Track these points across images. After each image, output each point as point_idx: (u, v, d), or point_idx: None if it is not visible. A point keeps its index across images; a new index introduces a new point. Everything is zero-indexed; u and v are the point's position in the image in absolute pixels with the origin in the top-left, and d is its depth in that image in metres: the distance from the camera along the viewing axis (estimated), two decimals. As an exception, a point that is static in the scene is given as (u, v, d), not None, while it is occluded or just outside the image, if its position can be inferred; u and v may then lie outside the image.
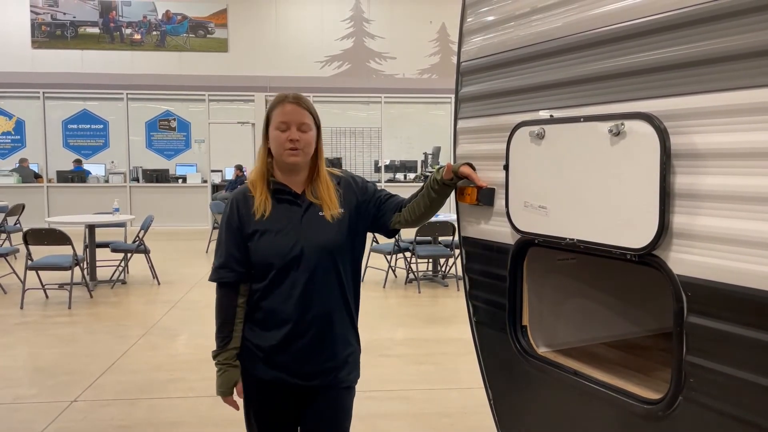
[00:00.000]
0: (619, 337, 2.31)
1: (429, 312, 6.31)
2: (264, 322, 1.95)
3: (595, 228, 1.67)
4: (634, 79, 1.58)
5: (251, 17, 13.96)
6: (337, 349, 1.99)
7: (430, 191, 2.03)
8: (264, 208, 1.92)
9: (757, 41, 1.30)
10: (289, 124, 1.90)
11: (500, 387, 2.28)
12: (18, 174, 12.86)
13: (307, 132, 1.93)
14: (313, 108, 1.98)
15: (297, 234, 1.92)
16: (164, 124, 14.13)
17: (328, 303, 1.96)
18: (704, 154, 1.42)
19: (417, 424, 3.59)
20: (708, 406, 1.44)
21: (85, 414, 3.73)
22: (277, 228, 1.92)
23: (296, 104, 1.93)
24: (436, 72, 14.26)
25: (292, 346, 1.94)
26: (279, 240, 1.91)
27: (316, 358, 1.96)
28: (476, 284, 2.29)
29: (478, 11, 2.16)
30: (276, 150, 1.93)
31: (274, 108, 1.94)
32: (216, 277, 1.98)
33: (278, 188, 1.96)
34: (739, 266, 1.35)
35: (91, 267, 7.30)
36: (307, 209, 1.95)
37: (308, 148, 1.94)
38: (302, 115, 1.92)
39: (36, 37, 13.57)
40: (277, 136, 1.91)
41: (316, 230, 1.93)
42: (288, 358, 1.95)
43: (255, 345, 1.97)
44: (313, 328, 1.94)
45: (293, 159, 1.92)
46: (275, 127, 1.92)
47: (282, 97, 1.95)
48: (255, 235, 1.92)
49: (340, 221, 1.96)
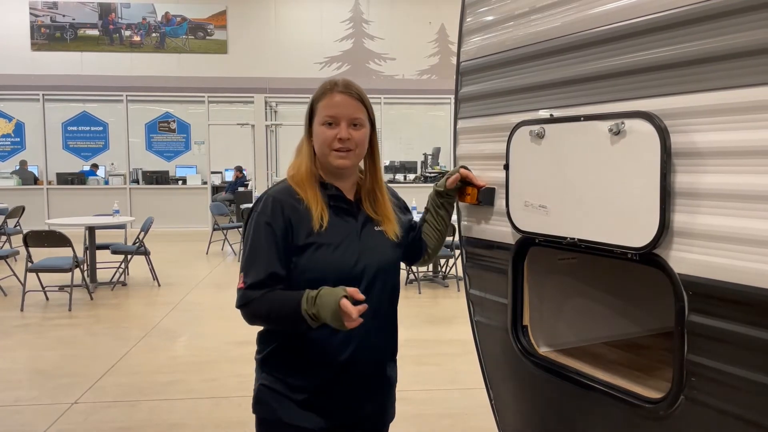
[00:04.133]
0: (620, 336, 2.30)
1: (429, 313, 6.30)
2: (306, 357, 1.61)
3: (596, 227, 1.67)
4: (634, 77, 1.58)
5: (250, 19, 13.97)
6: (387, 390, 1.74)
7: (438, 211, 1.95)
8: (322, 219, 1.58)
9: (757, 39, 1.30)
10: (339, 119, 1.59)
11: (501, 387, 2.28)
12: (18, 176, 12.86)
13: (360, 129, 1.63)
14: (367, 99, 1.65)
15: (358, 250, 1.62)
16: (164, 125, 14.14)
17: (383, 334, 1.69)
18: (705, 153, 1.42)
19: (418, 425, 3.58)
20: (709, 405, 1.44)
21: (85, 416, 3.72)
22: (336, 241, 1.59)
23: (347, 94, 1.61)
24: (435, 73, 14.27)
25: (341, 388, 1.62)
26: (339, 255, 1.59)
27: (367, 403, 1.69)
28: (477, 284, 2.29)
29: (477, 11, 2.16)
30: (320, 149, 1.63)
31: (320, 98, 1.62)
32: (247, 300, 1.56)
33: (334, 194, 1.65)
34: (741, 265, 1.34)
35: (91, 269, 7.30)
36: (365, 223, 1.67)
37: (360, 148, 1.64)
38: (355, 108, 1.61)
39: (35, 39, 13.59)
40: (323, 133, 1.60)
41: (376, 247, 1.65)
42: (333, 403, 1.63)
43: (291, 386, 1.61)
44: (368, 365, 1.65)
45: (341, 162, 1.61)
46: (321, 121, 1.61)
47: (330, 84, 1.63)
48: (309, 249, 1.57)
49: (398, 240, 1.72)
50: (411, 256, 1.92)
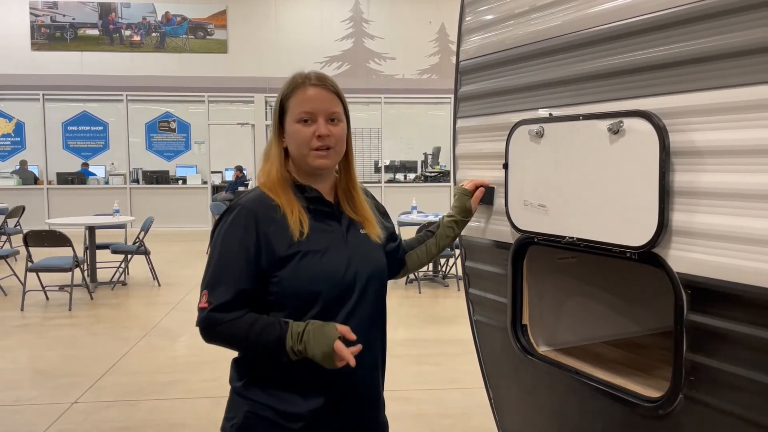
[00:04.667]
0: (619, 336, 2.30)
1: (430, 312, 6.30)
2: (298, 381, 1.45)
3: (595, 226, 1.67)
4: (633, 77, 1.58)
5: (250, 18, 13.97)
6: (382, 408, 1.63)
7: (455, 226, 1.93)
8: (302, 226, 1.43)
9: (756, 38, 1.29)
10: (315, 115, 1.45)
11: (501, 387, 2.28)
12: (18, 176, 12.87)
13: (339, 124, 1.48)
14: (342, 92, 1.51)
15: (347, 255, 1.48)
16: (164, 125, 14.14)
17: (377, 346, 1.56)
18: (703, 152, 1.42)
19: (418, 425, 3.58)
20: (708, 404, 1.44)
21: (85, 416, 3.72)
22: (322, 247, 1.45)
23: (322, 87, 1.47)
24: (435, 72, 14.26)
25: (340, 409, 1.49)
26: (327, 262, 1.44)
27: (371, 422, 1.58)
28: (476, 284, 2.29)
29: (476, 10, 2.16)
30: (297, 150, 1.47)
31: (292, 94, 1.47)
32: (212, 322, 1.39)
33: (312, 197, 1.50)
34: (739, 263, 1.34)
35: (91, 269, 7.30)
36: (349, 226, 1.54)
37: (340, 145, 1.50)
38: (331, 101, 1.47)
39: (35, 39, 13.58)
40: (299, 132, 1.45)
41: (365, 252, 1.53)
42: (333, 426, 1.49)
43: (284, 414, 1.45)
44: (365, 381, 1.52)
45: (322, 162, 1.47)
46: (295, 119, 1.46)
47: (301, 78, 1.47)
48: (293, 259, 1.42)
49: (382, 243, 1.60)
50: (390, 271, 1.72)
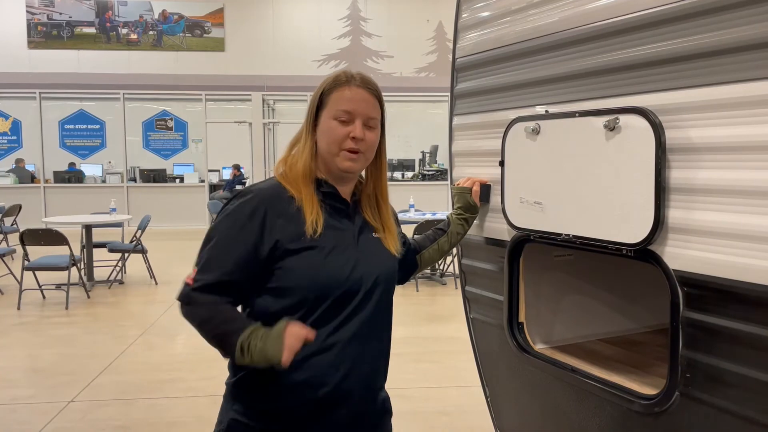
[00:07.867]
0: (616, 333, 2.30)
1: (427, 310, 6.31)
2: (291, 380, 1.38)
3: (591, 223, 1.67)
4: (629, 73, 1.58)
5: (248, 16, 13.95)
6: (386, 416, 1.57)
7: (464, 223, 1.97)
8: (316, 225, 1.39)
9: (751, 34, 1.29)
10: (354, 116, 1.42)
11: (497, 384, 2.28)
12: (15, 174, 12.84)
13: (374, 131, 1.46)
14: (383, 100, 1.49)
15: (355, 256, 1.44)
16: (161, 123, 14.12)
17: (380, 352, 1.51)
18: (699, 148, 1.41)
19: (415, 423, 3.58)
20: (704, 401, 1.44)
21: (83, 414, 3.72)
22: (329, 245, 1.41)
23: (366, 89, 1.44)
24: (433, 70, 14.25)
25: (332, 414, 1.43)
26: (332, 261, 1.40)
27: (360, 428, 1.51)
28: (473, 281, 2.29)
29: (473, 7, 2.16)
30: (328, 147, 1.43)
31: (333, 89, 1.44)
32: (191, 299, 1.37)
33: (328, 192, 1.47)
34: (735, 260, 1.34)
35: (88, 267, 7.29)
36: (362, 227, 1.50)
37: (370, 152, 1.47)
38: (372, 106, 1.45)
39: (32, 37, 13.55)
40: (334, 129, 1.42)
41: (376, 255, 1.49)
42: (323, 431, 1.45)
43: (273, 414, 1.40)
44: (360, 385, 1.46)
45: (349, 165, 1.43)
46: (333, 115, 1.42)
47: (346, 76, 1.45)
48: (296, 254, 1.38)
49: (398, 255, 1.56)
50: (402, 276, 1.72)
